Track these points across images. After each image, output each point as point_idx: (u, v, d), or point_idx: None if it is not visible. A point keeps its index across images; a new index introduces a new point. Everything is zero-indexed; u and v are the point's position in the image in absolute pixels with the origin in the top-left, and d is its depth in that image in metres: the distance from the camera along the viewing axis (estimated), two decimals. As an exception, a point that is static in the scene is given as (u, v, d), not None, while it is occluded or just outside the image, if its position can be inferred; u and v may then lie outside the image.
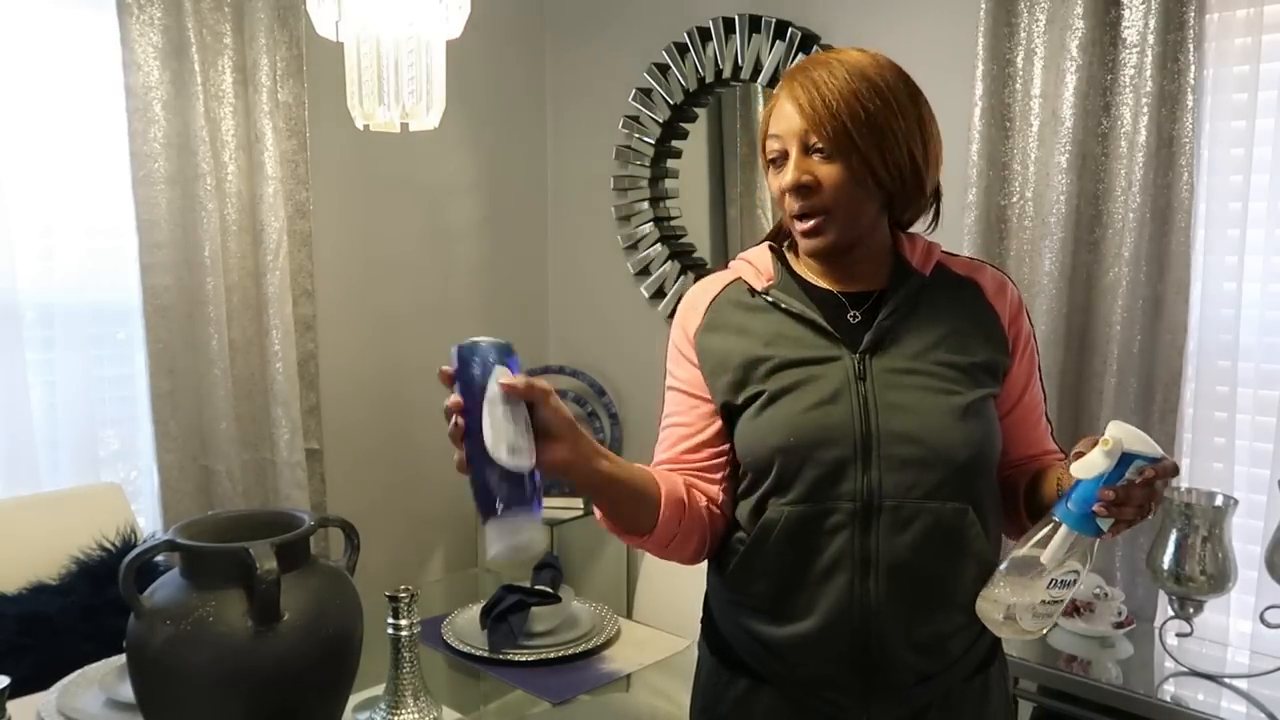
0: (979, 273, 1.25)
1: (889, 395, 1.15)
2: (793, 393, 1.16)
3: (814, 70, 1.16)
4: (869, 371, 1.16)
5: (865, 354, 1.17)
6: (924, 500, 1.13)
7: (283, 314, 2.50)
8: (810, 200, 1.15)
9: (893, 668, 1.15)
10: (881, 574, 1.13)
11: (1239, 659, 1.90)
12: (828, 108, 1.13)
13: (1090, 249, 2.07)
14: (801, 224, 1.17)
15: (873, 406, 1.14)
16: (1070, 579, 1.05)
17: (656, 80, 2.82)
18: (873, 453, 1.13)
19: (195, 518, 1.32)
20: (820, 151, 1.14)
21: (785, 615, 1.17)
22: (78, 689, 1.52)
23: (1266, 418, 1.93)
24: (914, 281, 1.21)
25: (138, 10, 2.26)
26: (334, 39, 1.80)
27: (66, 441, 2.34)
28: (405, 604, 1.41)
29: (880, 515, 1.13)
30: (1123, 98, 2.00)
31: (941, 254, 1.26)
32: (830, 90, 1.14)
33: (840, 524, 1.14)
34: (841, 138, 1.13)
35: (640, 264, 2.95)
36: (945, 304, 1.21)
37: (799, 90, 1.15)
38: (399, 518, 2.97)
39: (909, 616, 1.14)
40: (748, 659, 1.23)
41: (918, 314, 1.19)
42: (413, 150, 2.87)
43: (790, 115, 1.15)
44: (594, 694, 1.66)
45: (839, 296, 1.22)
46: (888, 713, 1.17)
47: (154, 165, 2.31)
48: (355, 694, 1.38)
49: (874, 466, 1.13)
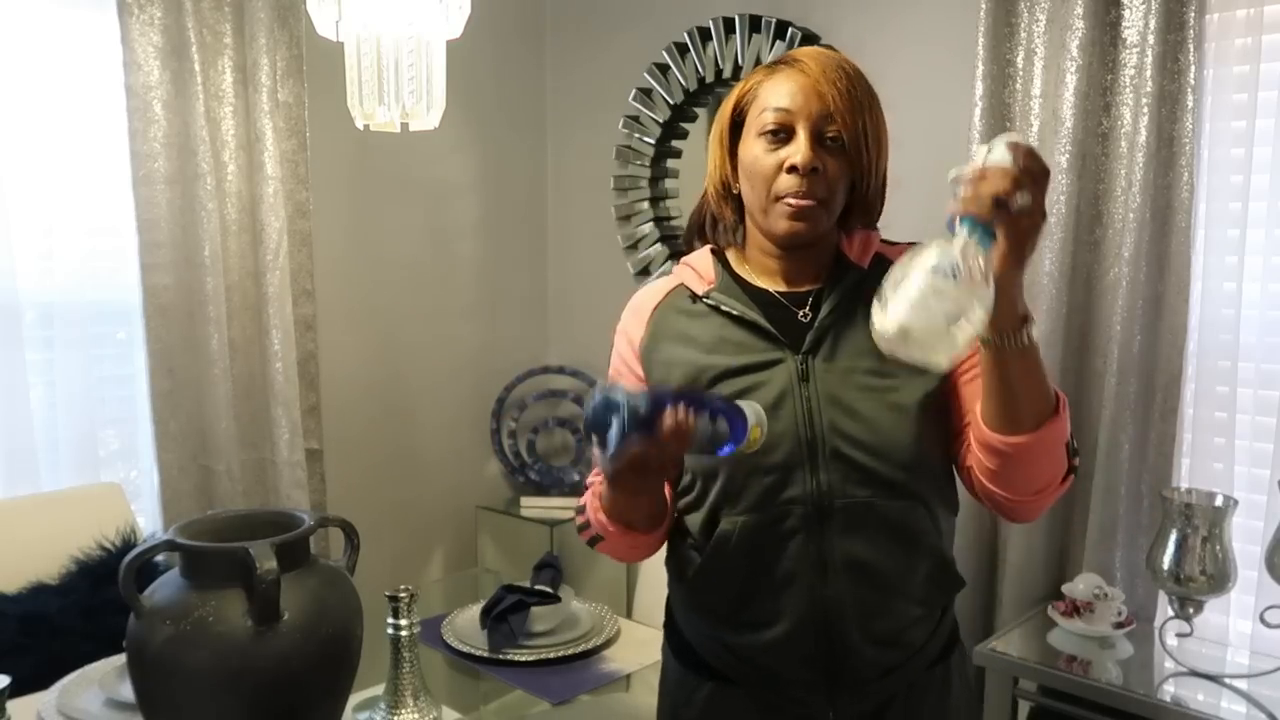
0: None
1: (832, 396, 1.14)
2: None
3: (826, 61, 1.15)
4: (812, 373, 1.16)
5: (807, 355, 1.17)
6: (873, 499, 1.14)
7: (283, 314, 2.50)
8: (814, 186, 1.14)
9: (856, 664, 1.17)
10: (839, 574, 1.14)
11: (1239, 659, 1.90)
12: (851, 102, 1.14)
13: (1090, 249, 2.07)
14: (797, 202, 1.15)
15: (816, 408, 1.14)
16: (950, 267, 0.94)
17: (656, 80, 2.82)
18: (819, 455, 1.14)
19: (195, 518, 1.32)
20: (833, 141, 1.14)
21: (749, 623, 1.18)
22: (78, 689, 1.52)
23: (1266, 418, 1.93)
24: (851, 275, 1.20)
25: (138, 10, 2.26)
26: (334, 39, 1.80)
27: (66, 441, 2.34)
28: (405, 604, 1.41)
29: (832, 517, 1.14)
30: (1123, 98, 2.00)
31: (880, 244, 1.25)
32: (852, 86, 1.14)
33: (794, 529, 1.14)
34: (856, 136, 1.14)
35: (640, 264, 2.95)
36: None
37: (820, 75, 1.14)
38: (399, 518, 2.97)
39: (868, 613, 1.16)
40: (713, 662, 1.24)
41: (857, 308, 1.17)
42: (413, 150, 2.87)
43: (808, 95, 1.13)
44: (594, 694, 1.66)
45: (778, 297, 1.22)
46: (853, 707, 1.19)
47: (154, 165, 2.31)
48: (355, 694, 1.38)
49: (821, 469, 1.13)
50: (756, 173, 1.16)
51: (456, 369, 3.08)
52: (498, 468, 3.22)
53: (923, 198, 2.43)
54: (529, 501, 3.07)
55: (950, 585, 1.21)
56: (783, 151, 1.14)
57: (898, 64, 2.38)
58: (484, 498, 3.19)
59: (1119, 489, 2.01)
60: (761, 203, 1.17)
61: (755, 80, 1.20)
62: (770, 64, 1.21)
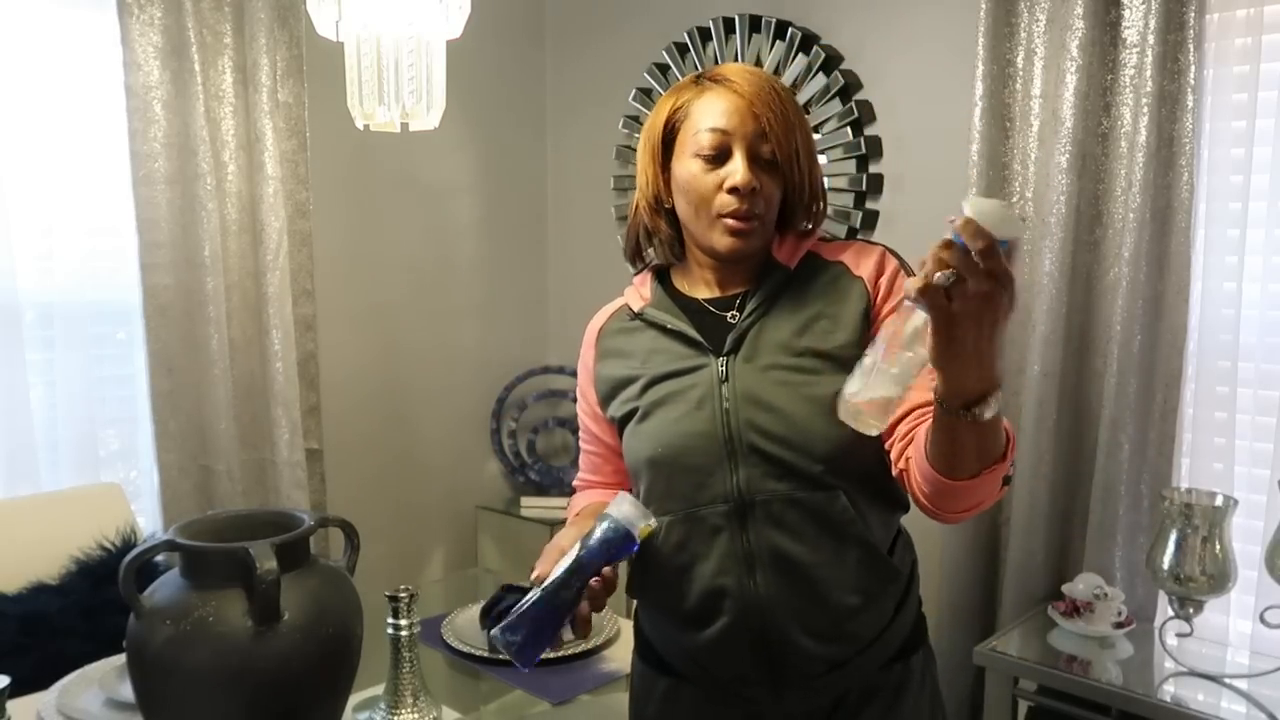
0: (847, 251, 1.24)
1: (750, 393, 1.16)
2: (664, 406, 1.20)
3: (757, 81, 1.18)
4: (731, 373, 1.18)
5: (728, 355, 1.19)
6: (793, 492, 1.14)
7: (283, 314, 2.50)
8: (753, 204, 1.17)
9: (797, 659, 1.17)
10: (766, 568, 1.16)
11: (1239, 659, 1.90)
12: (785, 123, 1.17)
13: (1090, 249, 2.07)
14: (737, 224, 1.17)
15: (734, 407, 1.16)
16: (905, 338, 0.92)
17: (656, 80, 2.82)
18: (737, 453, 1.15)
19: (195, 518, 1.32)
20: (766, 161, 1.17)
21: (691, 620, 1.21)
22: (78, 689, 1.51)
23: (1266, 418, 1.93)
24: (777, 275, 1.22)
25: (138, 10, 2.26)
26: (334, 39, 1.80)
27: (66, 441, 2.34)
28: (405, 604, 1.41)
29: (753, 511, 1.15)
30: (1123, 98, 2.00)
31: (816, 243, 1.26)
32: (784, 106, 1.17)
33: (718, 526, 1.17)
34: (790, 154, 1.17)
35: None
36: (810, 291, 1.21)
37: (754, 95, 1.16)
38: (399, 518, 2.97)
39: (800, 607, 1.16)
40: (669, 659, 1.28)
41: (780, 306, 1.20)
42: (413, 150, 2.87)
43: (743, 116, 1.16)
44: (594, 694, 1.66)
45: (705, 304, 1.25)
46: (802, 702, 1.21)
47: (154, 165, 2.31)
48: (355, 694, 1.38)
49: (740, 466, 1.15)
50: (694, 191, 1.18)
51: (456, 369, 3.08)
52: (498, 468, 3.22)
53: (923, 197, 2.44)
54: (529, 501, 3.07)
55: (885, 574, 1.19)
56: (721, 171, 1.16)
57: (898, 64, 2.38)
58: (484, 498, 3.19)
59: (1119, 489, 2.01)
60: (701, 221, 1.20)
61: (685, 98, 1.21)
62: (695, 79, 1.22)
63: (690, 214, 1.20)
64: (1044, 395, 2.08)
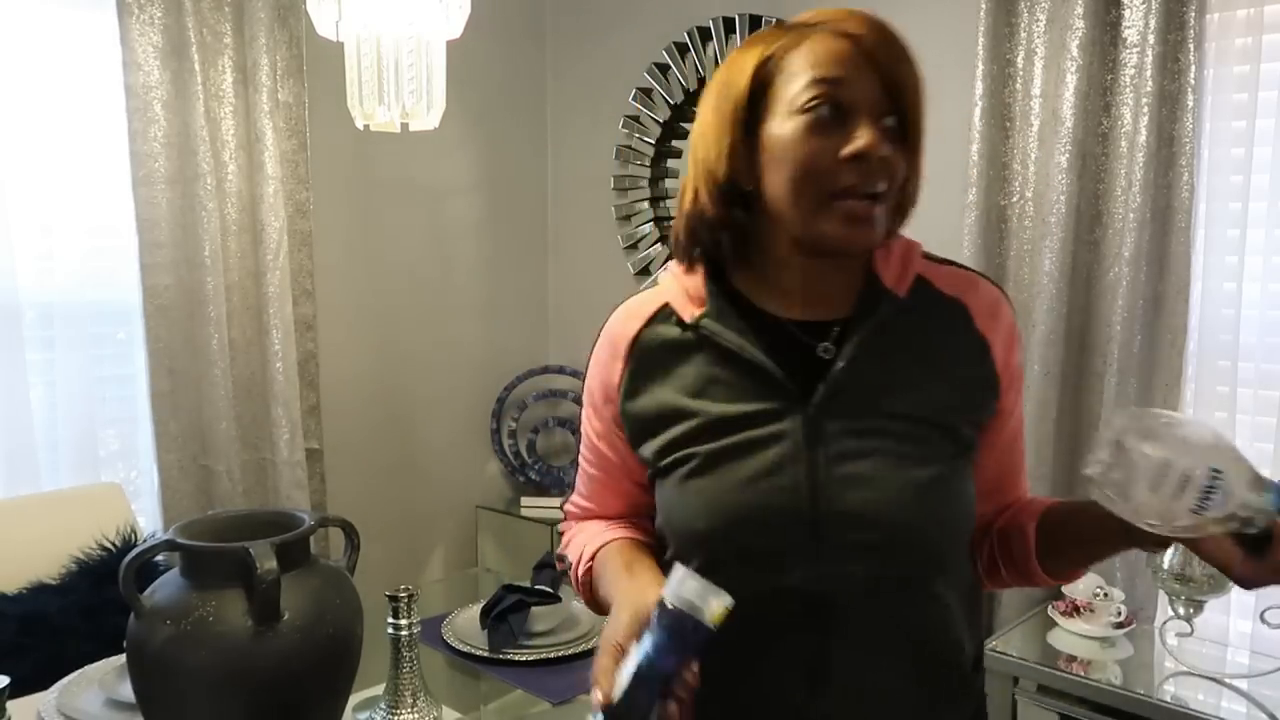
0: (968, 290, 0.99)
1: (844, 466, 0.91)
2: (729, 461, 0.93)
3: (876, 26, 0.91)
4: (824, 434, 0.92)
5: (820, 409, 0.92)
6: (887, 596, 0.92)
7: (283, 314, 2.50)
8: (879, 180, 0.89)
9: None
10: (833, 690, 0.92)
11: (1239, 659, 1.90)
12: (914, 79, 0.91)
13: (1090, 249, 2.07)
14: (859, 205, 0.89)
15: (825, 479, 0.91)
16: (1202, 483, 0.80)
17: (656, 80, 2.82)
18: (824, 540, 0.91)
19: (195, 518, 1.32)
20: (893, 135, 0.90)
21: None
22: (78, 689, 1.51)
23: (1266, 418, 1.93)
24: (886, 307, 0.95)
25: (138, 10, 2.26)
26: (334, 39, 1.80)
27: (66, 441, 2.34)
28: (405, 604, 1.41)
29: (833, 616, 0.91)
30: (1123, 98, 2.00)
31: (922, 261, 1.00)
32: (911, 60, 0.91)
33: (783, 626, 0.92)
34: (918, 124, 0.92)
35: (640, 264, 2.95)
36: (923, 337, 0.96)
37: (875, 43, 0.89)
38: (399, 518, 2.97)
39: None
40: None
41: (887, 352, 0.94)
42: (413, 150, 2.87)
43: (860, 67, 0.89)
44: (594, 694, 1.66)
45: (792, 327, 0.97)
46: None
47: (154, 165, 2.31)
48: (355, 694, 1.38)
49: (826, 557, 0.91)
50: (799, 162, 0.89)
51: (456, 369, 3.07)
52: (498, 468, 3.22)
53: (923, 197, 2.43)
54: (529, 501, 3.07)
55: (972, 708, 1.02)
56: (836, 136, 0.88)
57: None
58: (484, 498, 3.19)
59: (1119, 489, 2.01)
60: (805, 202, 0.90)
61: (779, 45, 0.92)
62: (789, 26, 0.93)
63: (788, 193, 0.90)
64: (1044, 395, 2.08)
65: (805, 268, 0.96)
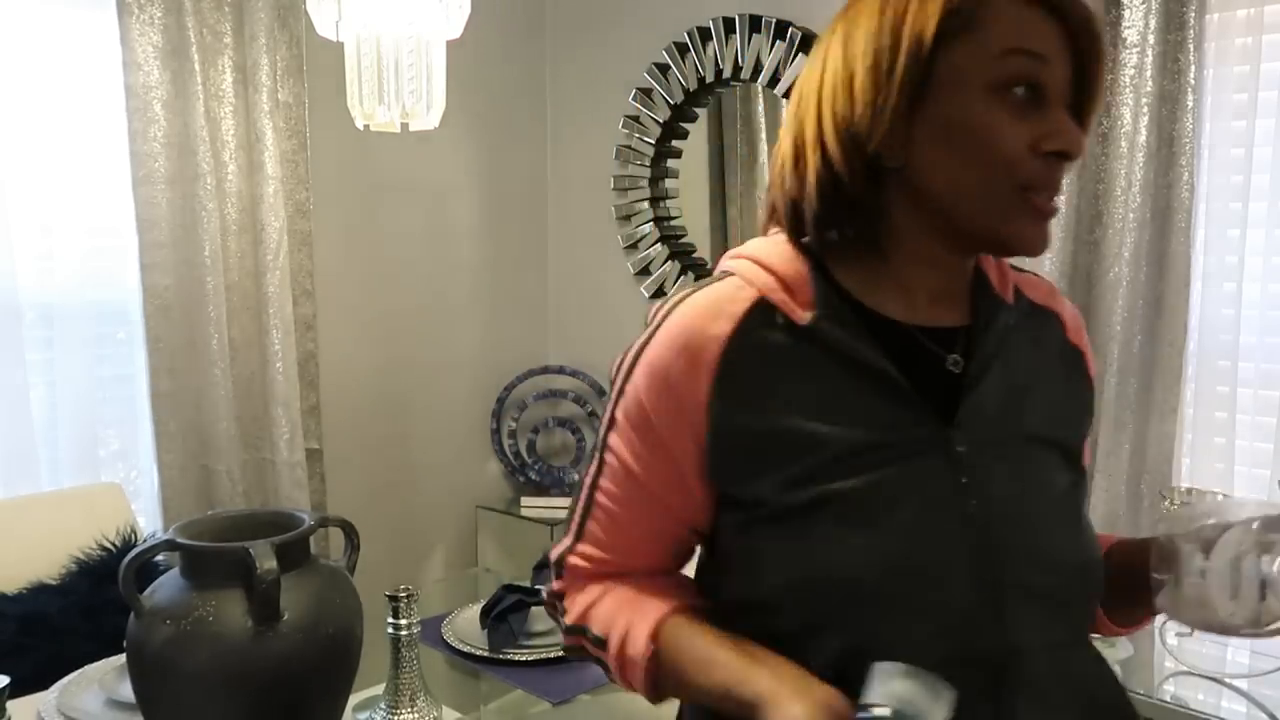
0: (1053, 299, 0.91)
1: (1006, 500, 0.78)
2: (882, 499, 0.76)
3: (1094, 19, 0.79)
4: (971, 462, 0.78)
5: (963, 434, 0.79)
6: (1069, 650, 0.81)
7: (283, 314, 2.50)
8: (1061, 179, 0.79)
9: None
10: None
11: (1239, 659, 1.89)
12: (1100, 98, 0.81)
13: (1090, 249, 2.07)
14: (1051, 206, 0.78)
15: (983, 516, 0.77)
16: None
17: (656, 80, 2.82)
18: (1002, 593, 0.76)
19: (195, 518, 1.32)
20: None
21: None
22: (78, 689, 1.51)
23: (1266, 418, 1.93)
24: (1003, 317, 0.84)
25: (138, 10, 2.26)
26: (334, 39, 1.80)
27: (66, 441, 2.34)
28: (405, 604, 1.41)
29: (1020, 684, 0.77)
30: (1123, 98, 2.00)
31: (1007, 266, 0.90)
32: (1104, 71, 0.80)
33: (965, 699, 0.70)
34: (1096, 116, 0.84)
35: (640, 264, 2.95)
36: (1035, 350, 0.87)
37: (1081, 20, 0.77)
38: (399, 518, 2.97)
39: None
40: None
41: (1012, 366, 0.83)
42: (413, 150, 2.87)
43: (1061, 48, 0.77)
44: (594, 694, 1.66)
45: (918, 334, 0.82)
46: None
47: (154, 165, 2.31)
48: (355, 694, 1.38)
49: (1008, 616, 0.76)
50: (991, 147, 0.75)
51: (456, 369, 3.07)
52: (498, 468, 3.22)
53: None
54: (529, 501, 3.07)
55: None
56: (1034, 124, 0.76)
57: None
58: (484, 498, 3.19)
59: (1119, 489, 2.01)
60: (993, 194, 0.77)
61: None
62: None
63: (975, 182, 0.77)
64: (1044, 395, 2.08)
65: (947, 265, 0.83)
